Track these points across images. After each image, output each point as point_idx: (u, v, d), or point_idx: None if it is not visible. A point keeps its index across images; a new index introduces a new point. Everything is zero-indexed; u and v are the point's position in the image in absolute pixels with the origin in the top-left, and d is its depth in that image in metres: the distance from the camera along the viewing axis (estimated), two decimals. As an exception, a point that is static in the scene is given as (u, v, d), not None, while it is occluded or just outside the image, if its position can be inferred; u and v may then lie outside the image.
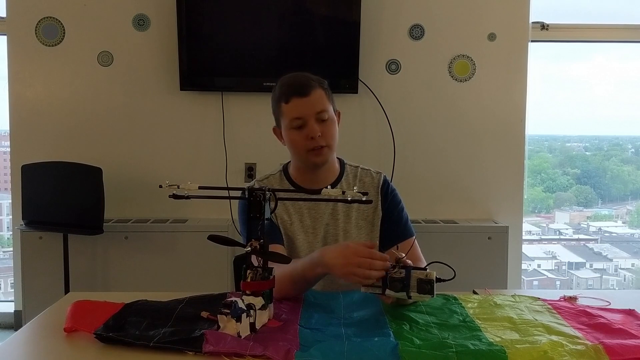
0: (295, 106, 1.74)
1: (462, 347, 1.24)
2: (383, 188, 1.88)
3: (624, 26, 3.71)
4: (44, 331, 1.41)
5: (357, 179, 1.89)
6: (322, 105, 1.75)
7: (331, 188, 1.42)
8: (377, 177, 1.90)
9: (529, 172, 3.85)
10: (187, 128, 3.54)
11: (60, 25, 3.45)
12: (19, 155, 3.46)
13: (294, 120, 1.75)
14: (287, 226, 1.83)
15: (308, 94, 1.74)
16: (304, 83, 1.76)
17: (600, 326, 1.40)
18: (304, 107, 1.74)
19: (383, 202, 1.87)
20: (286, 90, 1.77)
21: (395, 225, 1.86)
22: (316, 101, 1.74)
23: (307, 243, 1.82)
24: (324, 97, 1.76)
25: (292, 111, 1.75)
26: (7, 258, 4.16)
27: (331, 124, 1.77)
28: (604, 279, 4.33)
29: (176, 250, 3.30)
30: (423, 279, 1.42)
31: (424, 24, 3.52)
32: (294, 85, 1.77)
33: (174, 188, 1.42)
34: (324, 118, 1.75)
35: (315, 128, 1.73)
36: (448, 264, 1.54)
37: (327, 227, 1.84)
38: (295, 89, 1.75)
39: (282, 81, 1.82)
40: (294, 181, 1.86)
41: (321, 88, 1.77)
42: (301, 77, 1.78)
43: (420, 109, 3.55)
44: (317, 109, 1.74)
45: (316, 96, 1.74)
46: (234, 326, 1.31)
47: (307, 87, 1.74)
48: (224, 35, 3.43)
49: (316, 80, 1.78)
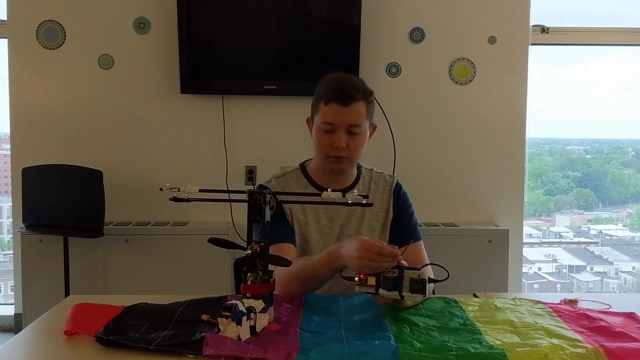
0: (331, 111, 1.72)
1: (463, 350, 1.24)
2: (396, 190, 1.90)
3: (624, 29, 3.71)
4: (44, 334, 1.41)
5: (372, 182, 1.90)
6: (358, 119, 1.73)
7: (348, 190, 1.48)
8: (390, 180, 1.93)
9: (529, 175, 3.85)
10: (187, 131, 3.54)
11: (61, 28, 3.46)
12: (19, 158, 3.46)
13: (325, 124, 1.74)
14: (303, 226, 1.83)
15: (348, 104, 1.71)
16: (348, 92, 1.72)
17: (600, 329, 1.40)
18: (340, 115, 1.72)
19: (395, 205, 1.89)
20: (329, 92, 1.74)
21: (404, 228, 1.88)
22: (353, 114, 1.72)
23: (322, 243, 1.82)
24: (362, 112, 1.73)
25: (327, 115, 1.73)
26: (7, 261, 4.16)
27: (360, 138, 1.76)
28: (605, 282, 4.33)
29: (176, 253, 3.30)
30: (415, 278, 1.43)
31: (424, 27, 3.53)
32: (339, 90, 1.73)
33: (175, 191, 1.42)
34: (355, 132, 1.73)
35: (342, 139, 1.72)
36: (442, 266, 1.56)
37: (342, 227, 1.84)
38: (337, 95, 1.72)
39: (330, 81, 1.79)
40: (313, 179, 1.86)
41: (364, 101, 1.74)
42: (349, 85, 1.74)
43: (420, 112, 3.55)
44: (351, 121, 1.72)
45: (355, 109, 1.72)
46: (234, 329, 1.31)
47: (350, 98, 1.71)
48: (225, 39, 3.43)
49: (362, 92, 1.74)
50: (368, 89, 1.78)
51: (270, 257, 1.44)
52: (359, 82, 1.78)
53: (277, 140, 3.50)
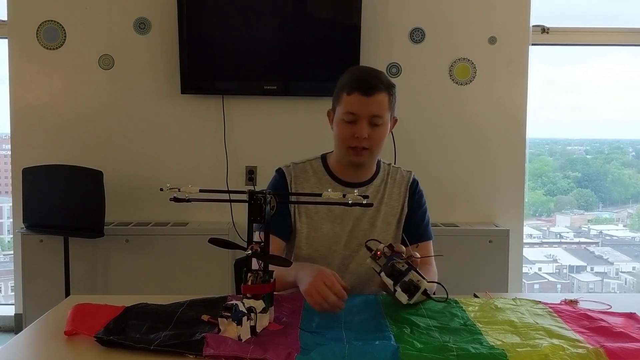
0: (354, 101, 1.72)
1: (463, 350, 1.24)
2: (412, 186, 1.91)
3: (625, 30, 3.71)
4: (44, 334, 1.41)
5: (389, 176, 1.91)
6: (380, 110, 1.73)
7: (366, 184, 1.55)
8: (407, 175, 1.93)
9: (529, 176, 3.85)
10: (187, 131, 3.54)
11: (62, 28, 3.46)
12: (19, 158, 3.46)
13: (348, 114, 1.74)
14: (312, 214, 1.82)
15: (371, 94, 1.71)
16: (371, 82, 1.73)
17: (601, 329, 1.40)
18: (362, 105, 1.72)
19: (410, 200, 1.89)
20: (352, 83, 1.74)
21: (417, 225, 1.89)
22: (376, 104, 1.73)
23: (334, 233, 1.82)
24: (385, 103, 1.74)
25: (349, 105, 1.73)
26: (7, 261, 4.16)
27: (382, 130, 1.76)
28: (605, 282, 4.33)
29: (177, 254, 3.30)
30: (413, 281, 1.43)
31: (424, 28, 3.53)
32: (361, 80, 1.74)
33: (175, 191, 1.42)
34: (377, 123, 1.74)
35: (364, 129, 1.72)
36: (442, 284, 1.59)
37: (356, 220, 1.84)
38: (360, 85, 1.72)
39: (353, 72, 1.81)
40: (332, 172, 1.86)
41: (386, 93, 1.75)
42: (371, 76, 1.76)
43: (421, 113, 3.55)
44: (373, 112, 1.72)
45: (378, 99, 1.73)
46: (235, 329, 1.31)
47: (373, 88, 1.72)
48: (225, 39, 3.43)
49: (385, 83, 1.76)
50: (391, 82, 1.79)
51: (271, 258, 1.44)
52: (382, 74, 1.79)
53: (277, 140, 3.50)
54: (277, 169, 1.88)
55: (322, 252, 1.82)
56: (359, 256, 1.82)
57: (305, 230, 1.82)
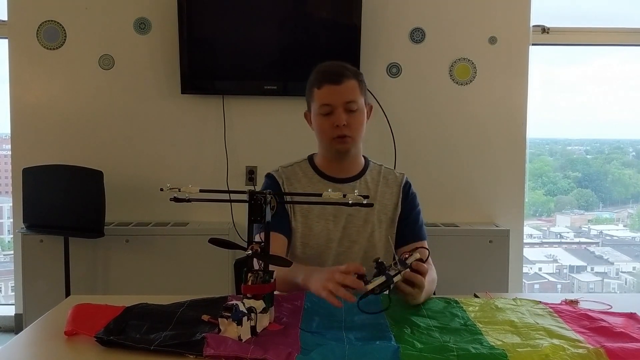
0: (326, 93, 1.77)
1: (464, 350, 1.24)
2: (405, 187, 1.93)
3: (625, 30, 3.71)
4: (44, 335, 1.41)
5: (381, 176, 1.92)
6: (352, 95, 1.78)
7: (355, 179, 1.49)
8: (400, 176, 1.95)
9: (530, 176, 3.85)
10: (188, 131, 3.54)
11: (62, 28, 3.46)
12: (20, 158, 3.46)
13: (323, 107, 1.78)
14: (306, 213, 1.84)
15: (340, 82, 1.76)
16: (338, 71, 1.79)
17: (601, 330, 1.40)
18: (335, 94, 1.77)
19: (404, 201, 1.91)
20: (320, 77, 1.80)
21: (411, 226, 1.91)
22: (347, 91, 1.77)
23: (327, 231, 1.84)
24: (356, 88, 1.79)
25: (323, 97, 1.78)
26: (7, 261, 4.16)
27: (359, 115, 1.80)
28: (605, 282, 4.33)
29: (177, 254, 3.30)
30: (389, 283, 1.41)
31: (424, 28, 3.53)
32: (329, 72, 1.80)
33: (175, 191, 1.42)
34: (352, 108, 1.78)
35: (341, 116, 1.76)
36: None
37: (349, 217, 1.85)
38: (328, 76, 1.78)
39: (319, 68, 1.85)
40: (320, 170, 1.89)
41: (355, 79, 1.80)
42: (337, 66, 1.82)
43: (421, 113, 3.55)
44: (347, 98, 1.77)
45: (348, 86, 1.77)
46: (235, 329, 1.31)
47: (341, 76, 1.77)
48: (225, 39, 3.43)
49: (352, 71, 1.81)
50: (356, 69, 1.85)
51: (271, 258, 1.44)
52: (347, 64, 1.84)
53: (277, 140, 3.50)
54: (267, 174, 1.91)
55: (316, 249, 1.84)
56: (352, 253, 1.85)
57: (300, 229, 1.84)
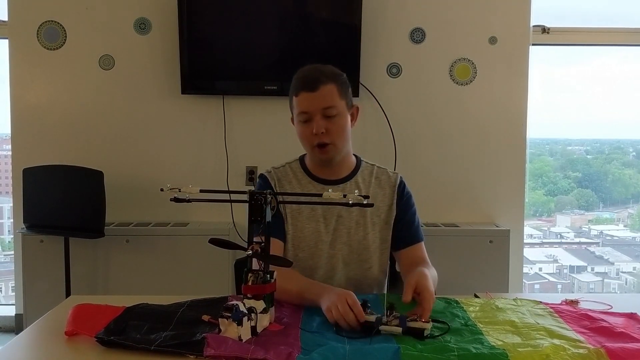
0: (303, 100, 1.75)
1: (464, 350, 1.24)
2: (400, 188, 1.89)
3: (625, 29, 3.71)
4: (45, 335, 1.41)
5: (374, 176, 1.89)
6: (329, 101, 1.74)
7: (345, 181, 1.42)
8: (393, 176, 1.91)
9: (530, 176, 3.85)
10: (188, 131, 3.54)
11: (62, 28, 3.46)
12: (20, 158, 3.46)
13: (301, 114, 1.76)
14: (296, 215, 1.83)
15: (316, 88, 1.73)
16: (314, 77, 1.74)
17: (602, 330, 1.40)
18: (311, 102, 1.73)
19: (398, 202, 1.87)
20: (297, 84, 1.78)
21: (407, 228, 1.88)
22: (323, 97, 1.73)
23: (317, 232, 1.82)
24: (334, 93, 1.74)
25: (300, 105, 1.76)
26: (8, 261, 4.16)
27: (339, 120, 1.76)
28: (606, 282, 4.33)
29: (177, 254, 3.30)
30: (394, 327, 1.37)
31: (424, 28, 3.53)
32: (304, 79, 1.77)
33: (175, 191, 1.42)
34: (330, 114, 1.74)
35: (319, 124, 1.73)
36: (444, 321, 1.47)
37: (340, 218, 1.83)
38: (304, 83, 1.75)
39: (297, 74, 1.82)
40: (310, 171, 1.87)
41: (333, 83, 1.75)
42: (313, 71, 1.77)
43: (421, 113, 3.55)
44: (323, 104, 1.73)
45: (324, 92, 1.73)
46: (235, 330, 1.31)
47: (316, 82, 1.73)
48: (225, 39, 3.43)
49: (330, 74, 1.76)
50: (337, 71, 1.79)
51: (272, 258, 1.44)
52: (326, 67, 1.79)
53: (277, 140, 3.49)
54: (260, 175, 1.91)
55: (308, 251, 1.82)
56: (344, 255, 1.82)
57: (292, 231, 1.82)
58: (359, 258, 1.83)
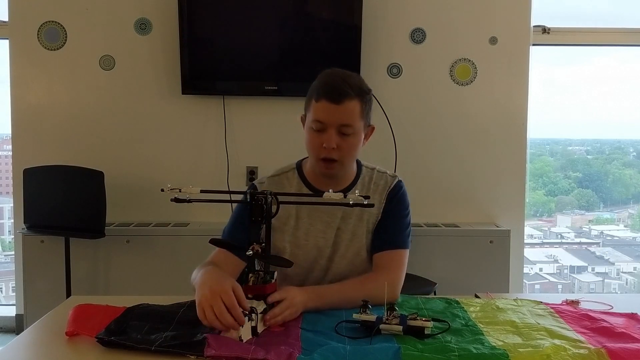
0: (322, 109, 1.62)
1: (465, 351, 1.24)
2: (392, 192, 1.77)
3: (626, 30, 3.71)
4: (45, 335, 1.41)
5: (372, 182, 1.78)
6: (349, 119, 1.62)
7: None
8: (390, 180, 1.79)
9: (530, 176, 3.85)
10: (188, 132, 3.54)
11: (62, 29, 3.46)
12: (20, 159, 3.46)
13: (315, 122, 1.63)
14: (294, 232, 1.74)
15: (340, 102, 1.60)
16: (340, 89, 1.60)
17: (602, 330, 1.40)
18: (330, 114, 1.61)
19: (386, 206, 1.76)
20: (320, 89, 1.63)
21: (385, 230, 1.74)
22: (345, 112, 1.61)
23: (317, 248, 1.73)
24: (355, 111, 1.62)
25: (317, 112, 1.63)
26: (8, 262, 4.16)
27: (353, 139, 1.64)
28: (606, 282, 4.33)
29: (178, 254, 3.30)
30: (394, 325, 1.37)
31: (425, 28, 3.53)
32: (330, 86, 1.62)
33: (176, 192, 1.42)
34: (346, 132, 1.62)
35: (332, 139, 1.61)
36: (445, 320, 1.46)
37: (338, 231, 1.74)
38: (329, 92, 1.61)
39: (324, 76, 1.67)
40: (309, 181, 1.76)
41: (358, 100, 1.63)
42: (341, 82, 1.62)
43: (421, 113, 3.55)
44: (342, 120, 1.61)
45: (347, 107, 1.61)
46: (236, 330, 1.31)
47: (341, 95, 1.60)
48: (226, 39, 3.43)
49: (357, 89, 1.63)
50: (365, 87, 1.67)
51: (272, 258, 1.44)
52: (355, 80, 1.66)
53: (278, 141, 3.50)
54: (251, 185, 1.76)
55: (305, 266, 1.74)
56: (340, 266, 1.74)
57: (289, 249, 1.72)
58: (352, 265, 1.75)
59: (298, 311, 1.48)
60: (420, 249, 1.80)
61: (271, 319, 1.40)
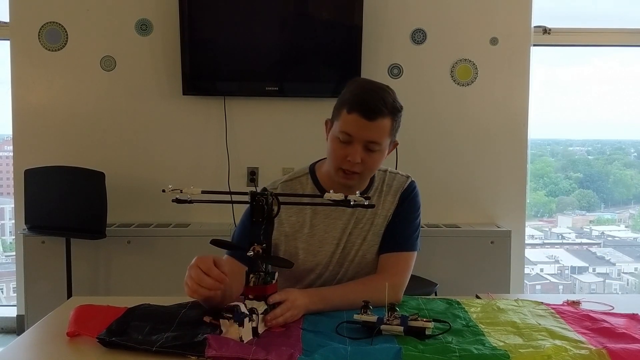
0: (353, 122, 1.58)
1: (466, 351, 1.24)
2: (405, 193, 1.76)
3: (627, 30, 3.71)
4: (46, 336, 1.41)
5: (385, 184, 1.77)
6: (379, 136, 1.59)
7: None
8: (402, 181, 1.79)
9: (531, 176, 3.85)
10: (189, 132, 3.54)
11: (63, 30, 3.46)
12: (21, 159, 3.46)
13: (343, 134, 1.59)
14: (308, 239, 1.72)
15: (373, 119, 1.57)
16: (375, 106, 1.57)
17: (603, 330, 1.40)
18: (361, 129, 1.58)
19: (397, 207, 1.75)
20: (354, 101, 1.59)
21: (393, 232, 1.73)
22: (376, 130, 1.58)
23: (330, 254, 1.72)
24: (386, 130, 1.60)
25: (347, 125, 1.59)
26: (9, 262, 4.16)
27: (377, 156, 1.63)
28: (607, 283, 4.32)
29: (179, 255, 3.29)
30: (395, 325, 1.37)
31: (426, 29, 3.53)
32: (365, 102, 1.58)
33: (177, 192, 1.42)
34: (373, 149, 1.60)
35: (357, 155, 1.59)
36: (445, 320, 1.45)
37: (349, 236, 1.73)
38: (363, 107, 1.57)
39: (358, 88, 1.65)
40: (322, 186, 1.72)
41: (390, 118, 1.60)
42: (377, 98, 1.59)
43: (422, 113, 3.55)
44: (371, 137, 1.59)
45: (379, 126, 1.58)
46: (237, 331, 1.31)
47: (376, 113, 1.57)
48: (226, 40, 3.44)
49: (391, 108, 1.60)
50: (398, 104, 1.64)
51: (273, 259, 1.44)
52: (390, 96, 1.62)
53: (279, 141, 3.50)
54: (263, 188, 1.69)
55: (316, 271, 1.73)
56: (347, 272, 1.74)
57: (302, 256, 1.71)
58: (363, 274, 1.74)
59: (300, 314, 1.48)
60: (421, 249, 1.80)
61: (272, 320, 1.40)
